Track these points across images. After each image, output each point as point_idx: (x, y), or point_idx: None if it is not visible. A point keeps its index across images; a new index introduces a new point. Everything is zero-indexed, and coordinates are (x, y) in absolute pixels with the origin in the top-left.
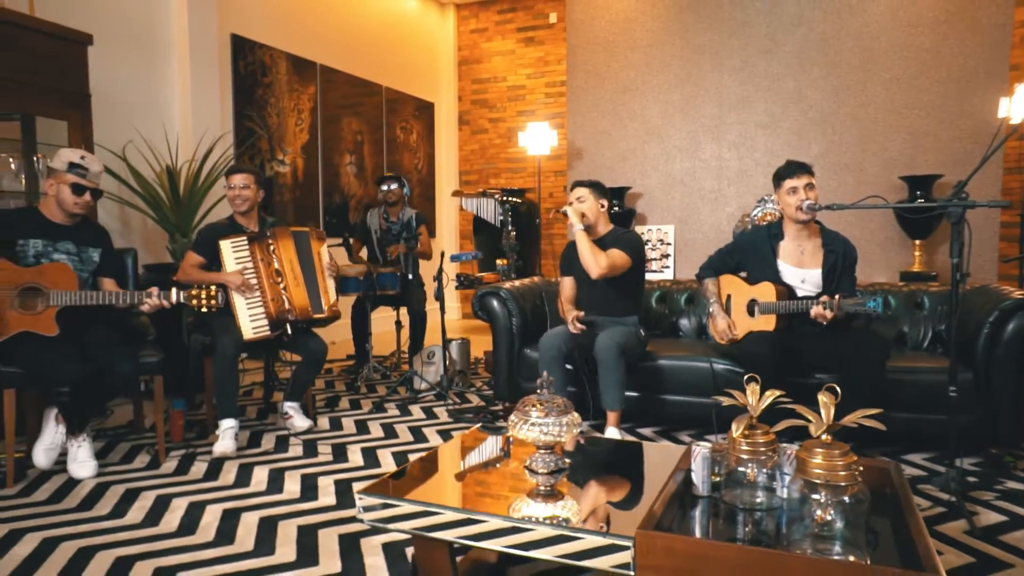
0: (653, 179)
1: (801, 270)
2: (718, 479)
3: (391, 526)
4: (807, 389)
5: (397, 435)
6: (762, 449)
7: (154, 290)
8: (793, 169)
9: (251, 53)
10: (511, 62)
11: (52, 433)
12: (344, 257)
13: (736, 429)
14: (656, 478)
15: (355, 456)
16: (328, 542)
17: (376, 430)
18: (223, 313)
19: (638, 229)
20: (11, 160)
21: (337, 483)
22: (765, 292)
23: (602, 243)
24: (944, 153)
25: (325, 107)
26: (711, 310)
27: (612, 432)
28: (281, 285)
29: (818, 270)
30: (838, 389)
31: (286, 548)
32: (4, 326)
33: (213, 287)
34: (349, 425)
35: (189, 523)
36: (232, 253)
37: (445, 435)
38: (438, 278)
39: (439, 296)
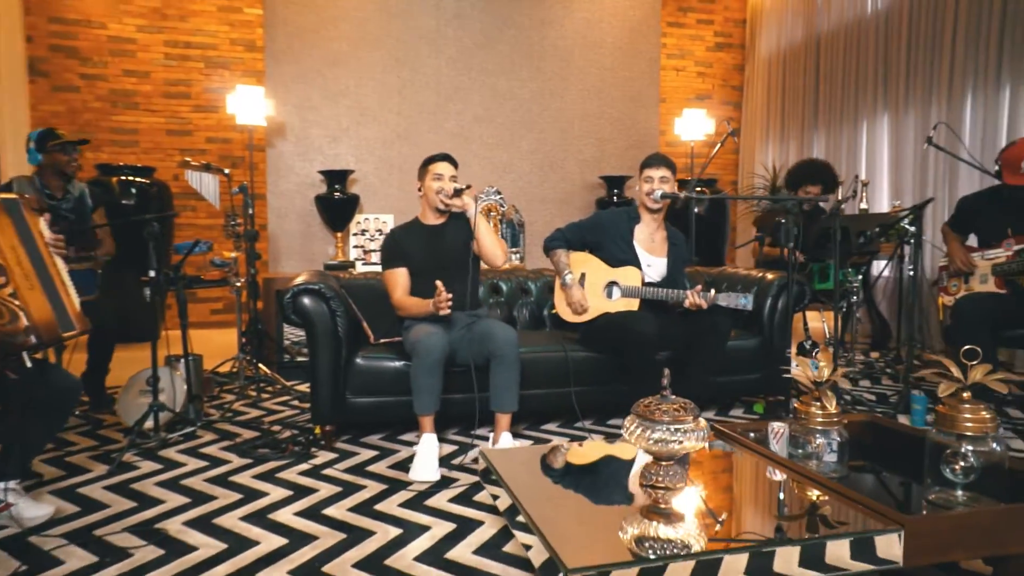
0: (370, 163)
1: (651, 256)
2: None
3: None
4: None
5: (213, 496)
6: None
7: None
8: (653, 161)
9: None
10: (113, 6)
11: None
12: None
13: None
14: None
15: (198, 538)
16: None
17: (170, 496)
18: None
19: (356, 219)
20: None
21: None
22: (630, 276)
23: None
24: (622, 158)
25: None
26: (565, 280)
27: (506, 438)
28: (8, 289)
29: (664, 259)
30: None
31: None
32: None
33: None
34: (109, 498)
35: None
36: None
37: (268, 477)
38: (175, 277)
39: (182, 300)
